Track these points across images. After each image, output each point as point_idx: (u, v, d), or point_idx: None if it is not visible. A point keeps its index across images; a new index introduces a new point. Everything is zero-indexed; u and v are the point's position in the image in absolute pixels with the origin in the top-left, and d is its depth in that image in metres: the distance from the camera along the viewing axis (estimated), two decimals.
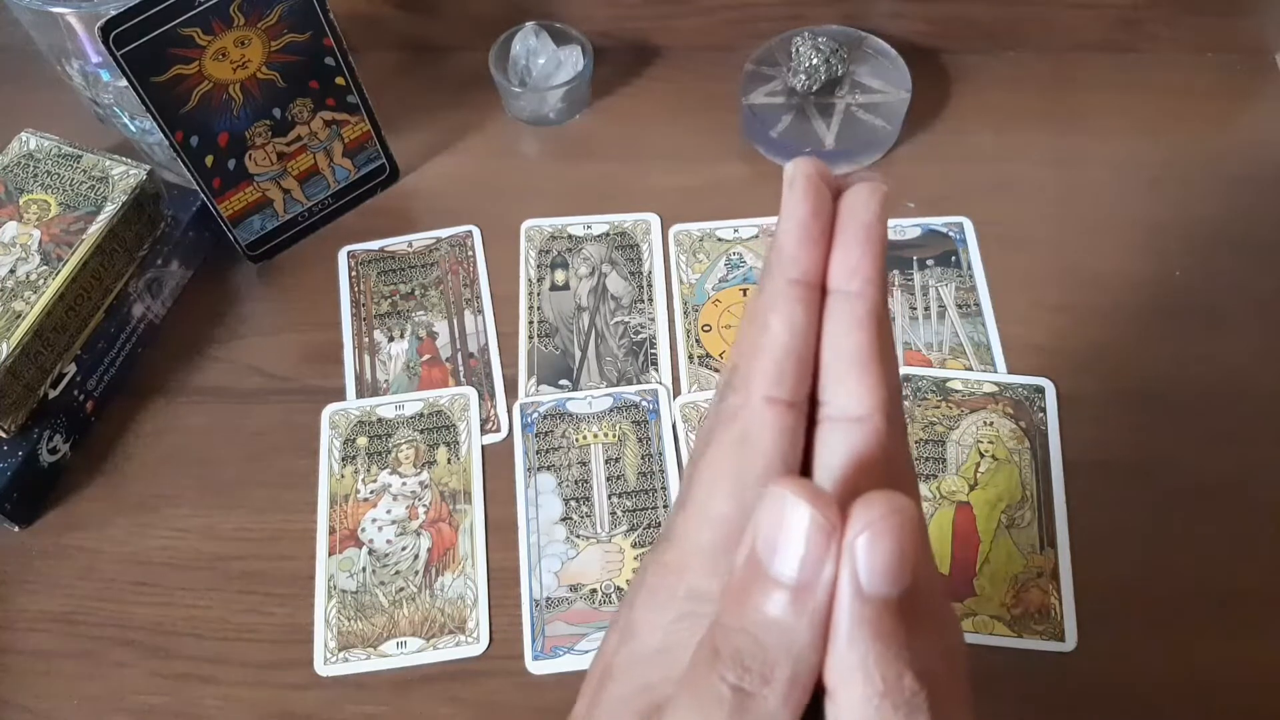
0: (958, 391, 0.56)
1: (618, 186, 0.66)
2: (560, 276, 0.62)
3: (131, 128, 0.64)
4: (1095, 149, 0.66)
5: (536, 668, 0.50)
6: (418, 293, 0.62)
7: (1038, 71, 0.70)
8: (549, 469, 0.55)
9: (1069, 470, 0.53)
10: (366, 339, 0.60)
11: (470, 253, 0.63)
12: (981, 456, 0.54)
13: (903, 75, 0.66)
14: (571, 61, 0.68)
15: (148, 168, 0.57)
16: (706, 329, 0.60)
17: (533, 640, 0.50)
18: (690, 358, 0.59)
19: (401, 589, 0.52)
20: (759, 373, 0.24)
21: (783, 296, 0.24)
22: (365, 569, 0.52)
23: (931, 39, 0.71)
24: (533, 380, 0.58)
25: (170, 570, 0.53)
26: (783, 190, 0.25)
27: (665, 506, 0.54)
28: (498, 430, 0.57)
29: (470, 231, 0.64)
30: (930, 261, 0.62)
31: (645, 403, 0.57)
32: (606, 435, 0.56)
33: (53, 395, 0.54)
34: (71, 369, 0.55)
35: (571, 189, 0.66)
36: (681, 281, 0.62)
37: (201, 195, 0.59)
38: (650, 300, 0.61)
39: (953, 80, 0.70)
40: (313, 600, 0.52)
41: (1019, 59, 0.71)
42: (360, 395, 0.58)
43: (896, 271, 0.61)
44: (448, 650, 0.50)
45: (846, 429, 0.24)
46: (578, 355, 0.59)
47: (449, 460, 0.56)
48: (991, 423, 0.55)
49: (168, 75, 0.54)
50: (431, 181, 0.67)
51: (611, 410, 0.57)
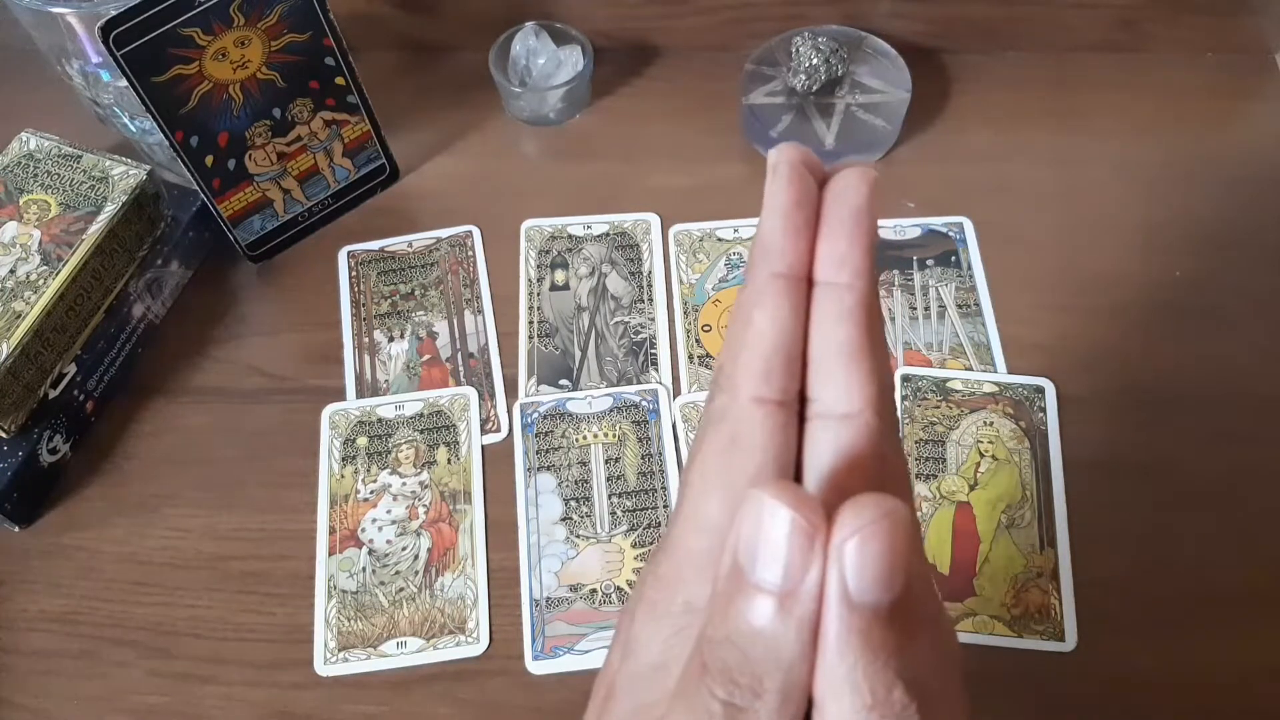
0: (958, 391, 0.56)
1: (618, 186, 0.66)
2: (560, 276, 0.62)
3: (131, 128, 0.64)
4: (1095, 149, 0.66)
5: (536, 668, 0.50)
6: (418, 293, 0.62)
7: (1038, 71, 0.70)
8: (549, 469, 0.55)
9: (1069, 470, 0.53)
10: (366, 339, 0.60)
11: (470, 253, 0.63)
12: (981, 456, 0.54)
13: (903, 75, 0.66)
14: (571, 61, 0.68)
15: (148, 168, 0.58)
16: (706, 329, 0.60)
17: (533, 640, 0.50)
18: (690, 358, 0.59)
19: (401, 589, 0.52)
20: (745, 372, 0.23)
21: (767, 291, 0.23)
22: (365, 569, 0.52)
23: (931, 39, 0.71)
24: (533, 380, 0.58)
25: (170, 570, 0.53)
26: (766, 178, 0.24)
27: (665, 506, 0.54)
28: (498, 430, 0.57)
29: (470, 231, 0.64)
30: (930, 261, 0.62)
31: (645, 403, 0.57)
32: (606, 435, 0.56)
33: (53, 395, 0.54)
34: (71, 369, 0.55)
35: (571, 189, 0.66)
36: (681, 281, 0.62)
37: (201, 195, 0.59)
38: (650, 300, 0.61)
39: (953, 80, 0.70)
40: (313, 600, 0.52)
41: (1019, 59, 0.71)
42: (360, 395, 0.58)
43: (896, 271, 0.61)
44: (448, 650, 0.50)
45: (836, 426, 0.22)
46: (578, 355, 0.59)
47: (449, 460, 0.56)
48: (991, 423, 0.55)
49: (168, 75, 0.54)
50: (431, 181, 0.67)
51: (611, 410, 0.57)
